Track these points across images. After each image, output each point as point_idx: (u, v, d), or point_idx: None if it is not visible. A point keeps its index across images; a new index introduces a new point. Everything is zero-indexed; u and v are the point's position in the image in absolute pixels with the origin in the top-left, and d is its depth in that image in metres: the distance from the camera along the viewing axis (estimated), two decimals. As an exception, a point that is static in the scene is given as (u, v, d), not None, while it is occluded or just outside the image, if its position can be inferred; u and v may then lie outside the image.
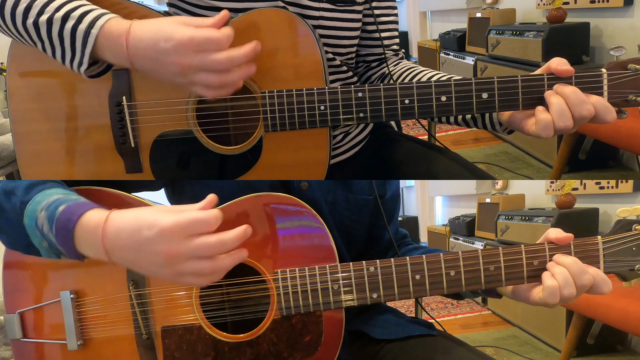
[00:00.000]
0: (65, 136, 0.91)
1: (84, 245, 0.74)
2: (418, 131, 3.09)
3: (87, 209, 0.74)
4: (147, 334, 0.85)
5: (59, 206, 0.74)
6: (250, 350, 0.84)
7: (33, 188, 0.78)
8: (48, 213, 0.74)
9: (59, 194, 0.77)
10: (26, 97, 0.90)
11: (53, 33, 0.80)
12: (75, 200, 0.76)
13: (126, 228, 0.72)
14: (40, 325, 0.88)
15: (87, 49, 0.79)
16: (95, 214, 0.74)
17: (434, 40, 3.85)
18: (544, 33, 2.49)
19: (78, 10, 0.79)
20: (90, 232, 0.73)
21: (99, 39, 0.78)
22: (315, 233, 0.85)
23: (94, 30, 0.78)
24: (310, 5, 0.97)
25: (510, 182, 3.54)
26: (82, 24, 0.78)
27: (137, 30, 0.78)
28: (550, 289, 0.79)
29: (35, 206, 0.76)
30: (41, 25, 0.80)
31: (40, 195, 0.77)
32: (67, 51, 0.80)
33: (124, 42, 0.78)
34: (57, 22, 0.79)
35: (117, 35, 0.78)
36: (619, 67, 0.84)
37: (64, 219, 0.73)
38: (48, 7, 0.79)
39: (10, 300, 0.88)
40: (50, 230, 0.74)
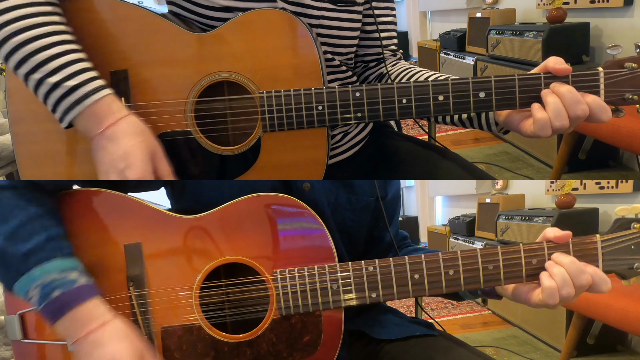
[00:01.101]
0: (65, 137, 0.91)
1: (61, 328, 0.77)
2: (418, 131, 3.08)
3: (80, 302, 0.76)
4: (146, 334, 0.85)
5: (54, 290, 0.75)
6: (250, 350, 0.84)
7: (31, 256, 0.76)
8: (42, 293, 0.75)
9: (56, 273, 0.76)
10: (25, 97, 0.90)
11: (39, 93, 0.80)
12: (72, 284, 0.76)
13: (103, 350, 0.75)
14: (41, 326, 0.88)
15: (67, 118, 0.80)
16: (88, 310, 0.76)
17: (434, 40, 3.85)
18: (544, 33, 2.49)
19: (69, 81, 0.79)
20: (75, 325, 0.76)
21: (80, 115, 0.80)
22: (314, 233, 0.85)
23: (79, 107, 0.79)
24: (311, 5, 0.97)
25: (510, 182, 3.54)
26: (71, 96, 0.79)
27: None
28: (549, 289, 0.79)
29: (30, 282, 0.76)
30: (30, 81, 0.80)
31: (38, 271, 0.76)
32: (49, 108, 0.81)
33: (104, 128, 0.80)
34: (46, 85, 0.79)
35: (100, 119, 0.80)
36: (615, 65, 0.85)
37: (56, 305, 0.75)
38: (42, 67, 0.79)
39: (10, 301, 0.88)
40: (38, 305, 0.76)
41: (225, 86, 0.92)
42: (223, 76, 0.89)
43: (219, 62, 0.89)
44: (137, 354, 0.76)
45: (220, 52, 0.89)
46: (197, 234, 0.85)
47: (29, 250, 0.76)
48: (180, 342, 0.84)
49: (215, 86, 0.90)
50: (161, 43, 0.89)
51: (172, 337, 0.84)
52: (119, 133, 0.80)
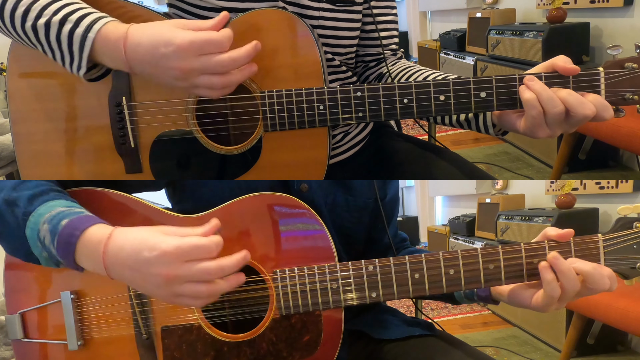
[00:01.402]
0: (65, 137, 0.91)
1: (84, 260, 0.75)
2: (418, 131, 3.09)
3: (90, 224, 0.75)
4: (147, 334, 0.85)
5: (62, 220, 0.75)
6: (250, 349, 0.84)
7: (36, 199, 0.78)
8: (51, 226, 0.75)
9: (62, 207, 0.77)
10: (26, 97, 0.90)
11: (51, 37, 0.79)
12: (79, 214, 0.76)
13: (128, 247, 0.72)
14: (41, 325, 0.88)
15: (85, 53, 0.79)
16: (98, 230, 0.74)
17: (434, 40, 3.84)
18: (544, 33, 2.49)
19: (76, 14, 0.79)
20: (92, 247, 0.74)
21: (96, 43, 0.78)
22: (314, 234, 0.85)
23: (91, 34, 0.78)
24: (310, 5, 0.97)
25: (510, 182, 3.54)
26: (79, 28, 0.78)
27: (134, 35, 0.78)
28: (550, 283, 0.78)
29: (37, 218, 0.76)
30: (39, 29, 0.80)
31: (43, 207, 0.77)
32: (66, 55, 0.80)
33: (122, 47, 0.78)
34: (54, 25, 0.79)
35: (114, 39, 0.78)
36: (616, 65, 0.85)
37: (66, 233, 0.74)
38: (46, 10, 0.79)
39: (11, 301, 0.88)
40: (52, 243, 0.74)
41: (226, 86, 0.92)
42: (224, 76, 0.89)
43: (219, 62, 0.89)
44: (155, 230, 0.75)
45: (221, 51, 0.89)
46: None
47: (34, 194, 0.78)
48: (180, 342, 0.84)
49: (216, 86, 0.90)
50: (162, 42, 0.89)
51: (172, 337, 0.84)
52: (138, 35, 0.78)
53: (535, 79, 0.84)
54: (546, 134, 0.84)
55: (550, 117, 0.82)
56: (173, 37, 0.77)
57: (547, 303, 0.80)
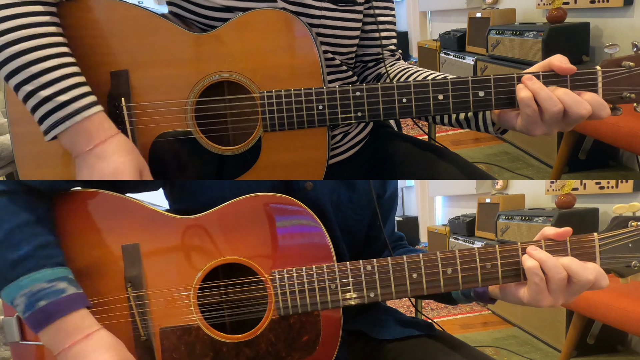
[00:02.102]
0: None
1: (46, 338, 0.76)
2: (418, 131, 3.08)
3: (67, 313, 0.75)
4: (145, 335, 0.85)
5: (40, 300, 0.75)
6: (249, 350, 0.84)
7: (19, 266, 0.76)
8: (27, 302, 0.75)
9: (45, 282, 0.76)
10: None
11: (29, 103, 0.79)
12: (58, 295, 0.76)
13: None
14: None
15: (49, 136, 0.80)
16: (72, 322, 0.76)
17: (434, 40, 3.84)
18: (544, 33, 2.49)
19: (62, 96, 0.78)
20: (60, 336, 0.75)
21: (68, 130, 0.79)
22: (312, 233, 0.85)
23: (69, 122, 0.78)
24: (312, 5, 0.97)
25: (510, 182, 3.54)
26: (60, 112, 0.78)
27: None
28: (532, 269, 0.79)
29: (17, 290, 0.75)
30: (20, 92, 0.79)
31: (25, 280, 0.75)
32: (37, 118, 0.80)
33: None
34: (36, 98, 0.78)
35: (90, 136, 0.79)
36: (613, 64, 0.85)
37: (40, 316, 0.75)
38: (35, 80, 0.78)
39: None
40: (23, 313, 0.76)
41: (226, 86, 0.92)
42: (223, 76, 0.89)
43: (219, 62, 0.89)
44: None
45: (221, 52, 0.89)
46: (195, 234, 0.85)
47: (18, 259, 0.76)
48: (179, 343, 0.84)
49: (216, 86, 0.90)
50: (161, 43, 0.89)
51: (171, 338, 0.84)
52: (108, 151, 0.80)
53: (533, 78, 0.84)
54: (542, 131, 0.85)
55: (548, 116, 0.82)
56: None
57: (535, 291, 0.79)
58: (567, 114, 0.82)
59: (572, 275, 0.78)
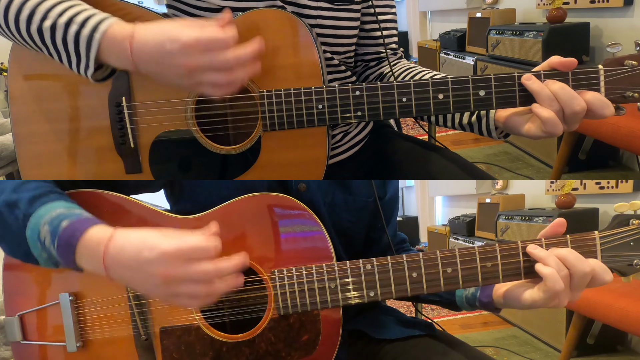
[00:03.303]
0: (66, 137, 0.91)
1: (84, 261, 0.75)
2: (418, 131, 3.09)
3: (91, 225, 0.75)
4: (145, 335, 0.85)
5: (63, 221, 0.75)
6: (249, 350, 0.84)
7: (36, 200, 0.78)
8: (51, 227, 0.75)
9: (62, 208, 0.77)
10: (27, 98, 0.90)
11: (57, 39, 0.80)
12: (79, 216, 0.76)
13: (128, 248, 0.73)
14: (40, 327, 0.88)
15: (92, 54, 0.79)
16: (99, 231, 0.75)
17: (434, 40, 3.85)
18: (544, 33, 2.49)
19: (81, 15, 0.79)
20: (93, 248, 0.74)
21: (102, 44, 0.78)
22: (312, 233, 0.85)
23: (97, 34, 0.78)
24: (307, 5, 0.97)
25: (510, 182, 3.54)
26: (85, 29, 0.78)
27: (141, 34, 0.78)
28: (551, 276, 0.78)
29: (38, 220, 0.76)
30: (45, 31, 0.80)
31: (44, 209, 0.77)
32: (73, 56, 0.80)
33: (128, 46, 0.78)
34: (60, 27, 0.79)
35: (120, 39, 0.78)
36: (616, 63, 0.85)
37: (66, 234, 0.74)
38: (51, 12, 0.79)
39: (10, 303, 0.88)
40: (52, 244, 0.75)
41: (225, 86, 0.92)
42: (223, 76, 0.89)
43: (219, 62, 0.89)
44: (156, 233, 0.75)
45: (220, 51, 0.89)
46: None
47: (34, 196, 0.78)
48: (179, 343, 0.84)
49: (215, 86, 0.90)
50: (161, 43, 0.89)
51: (171, 338, 0.84)
52: (145, 30, 0.79)
53: (532, 77, 0.84)
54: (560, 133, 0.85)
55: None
56: (179, 35, 0.77)
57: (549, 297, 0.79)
58: (563, 111, 0.82)
59: (569, 267, 0.77)
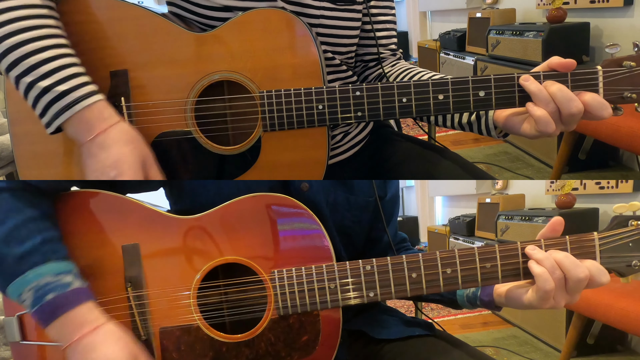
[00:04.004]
0: (64, 137, 0.90)
1: (54, 332, 0.76)
2: (418, 131, 3.08)
3: (73, 306, 0.76)
4: (145, 334, 0.85)
5: (48, 294, 0.75)
6: (248, 350, 0.84)
7: (25, 261, 0.76)
8: (35, 296, 0.75)
9: (51, 276, 0.76)
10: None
11: (30, 95, 0.79)
12: (64, 288, 0.76)
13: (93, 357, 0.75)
14: (39, 327, 0.87)
15: (56, 122, 0.79)
16: (80, 315, 0.76)
17: (434, 40, 3.84)
18: (544, 33, 2.49)
19: (61, 86, 0.78)
20: (68, 329, 0.76)
21: (71, 119, 0.79)
22: (312, 234, 0.85)
23: (69, 112, 0.78)
24: (311, 5, 0.97)
25: (510, 182, 3.54)
26: (60, 101, 0.78)
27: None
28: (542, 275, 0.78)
29: (24, 284, 0.76)
30: (21, 84, 0.78)
31: (32, 274, 0.76)
32: (38, 110, 0.79)
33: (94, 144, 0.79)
34: (37, 89, 0.78)
35: (92, 124, 0.79)
36: (614, 64, 0.85)
37: (49, 308, 0.75)
38: (35, 70, 0.77)
39: (9, 303, 0.88)
40: (30, 308, 0.76)
41: (225, 86, 0.92)
42: (223, 76, 0.89)
43: (218, 62, 0.89)
44: (131, 357, 0.76)
45: (220, 51, 0.89)
46: (194, 234, 0.85)
47: (24, 253, 0.76)
48: (178, 343, 0.84)
49: (215, 86, 0.90)
50: (161, 43, 0.89)
51: (171, 338, 0.84)
52: (109, 140, 0.79)
53: (530, 78, 0.84)
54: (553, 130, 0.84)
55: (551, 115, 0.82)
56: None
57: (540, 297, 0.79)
58: (560, 112, 0.82)
59: (564, 272, 0.77)
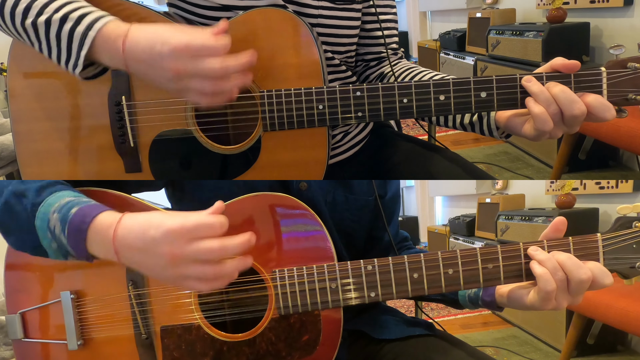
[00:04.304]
0: (66, 136, 0.91)
1: (95, 246, 0.75)
2: (418, 131, 3.09)
3: (100, 211, 0.75)
4: (146, 333, 0.85)
5: (72, 208, 0.75)
6: (249, 349, 0.84)
7: (44, 190, 0.78)
8: (61, 215, 0.75)
9: (71, 196, 0.77)
10: (27, 96, 0.90)
11: (51, 34, 0.79)
12: (87, 202, 0.77)
13: (135, 229, 0.72)
14: (41, 325, 0.88)
15: (83, 51, 0.79)
16: (108, 216, 0.75)
17: (434, 40, 3.85)
18: (544, 33, 2.49)
19: (77, 12, 0.79)
20: (103, 233, 0.74)
21: (96, 41, 0.78)
22: (313, 233, 0.85)
23: (92, 32, 0.78)
24: (309, 4, 0.97)
25: (510, 182, 3.54)
26: (80, 26, 0.78)
27: (134, 34, 0.78)
28: (543, 276, 0.77)
29: (47, 208, 0.76)
30: (39, 26, 0.80)
31: (52, 198, 0.77)
32: (63, 52, 0.80)
33: (121, 46, 0.78)
34: (55, 23, 0.79)
35: (114, 38, 0.78)
36: (618, 65, 0.84)
37: (77, 220, 0.74)
38: (47, 7, 0.79)
39: (11, 301, 0.88)
40: (63, 231, 0.75)
41: (226, 85, 0.92)
42: (223, 75, 0.89)
43: (219, 61, 0.89)
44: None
45: (221, 51, 0.89)
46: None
47: (42, 185, 0.78)
48: (179, 342, 0.84)
49: (216, 85, 0.90)
50: (162, 42, 0.89)
51: (172, 337, 0.84)
52: (138, 33, 0.78)
53: (533, 79, 0.84)
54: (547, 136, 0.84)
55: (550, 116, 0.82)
56: (170, 38, 0.77)
57: (542, 298, 0.79)
58: (562, 114, 0.82)
59: (567, 273, 0.77)
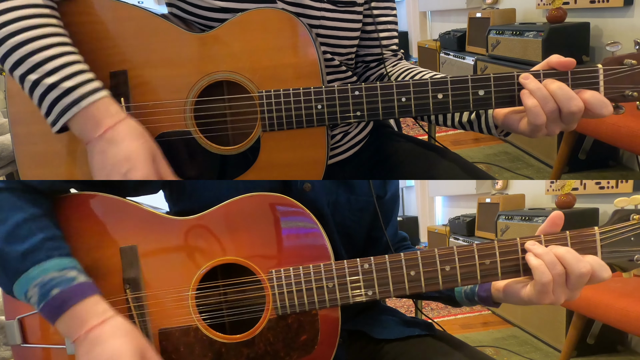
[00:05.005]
0: (65, 137, 0.91)
1: (62, 326, 0.76)
2: (418, 131, 3.09)
3: (79, 300, 0.76)
4: (144, 336, 0.85)
5: (53, 289, 0.75)
6: (247, 350, 0.84)
7: (29, 257, 0.76)
8: (40, 292, 0.75)
9: (55, 271, 0.76)
10: (26, 98, 0.89)
11: (35, 93, 0.79)
12: (70, 282, 0.76)
13: (100, 346, 0.74)
14: (40, 330, 0.87)
15: (62, 120, 0.78)
16: (86, 308, 0.76)
17: (434, 40, 3.85)
18: (544, 33, 2.49)
19: (67, 82, 0.78)
20: (75, 323, 0.75)
21: (76, 116, 0.78)
22: (309, 232, 0.85)
23: (75, 108, 0.78)
24: (311, 5, 0.97)
25: (510, 182, 3.54)
26: (67, 98, 0.78)
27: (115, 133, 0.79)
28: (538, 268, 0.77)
29: (29, 281, 0.76)
30: (26, 82, 0.78)
31: (36, 270, 0.76)
32: (44, 109, 0.79)
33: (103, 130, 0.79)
34: (42, 86, 0.78)
35: (98, 119, 0.79)
36: (615, 62, 0.84)
37: (55, 304, 0.75)
38: (39, 68, 0.78)
39: (9, 306, 0.88)
40: (37, 305, 0.76)
41: (225, 86, 0.92)
42: (222, 76, 0.89)
43: (218, 62, 0.89)
44: (138, 351, 0.76)
45: (220, 52, 0.89)
46: (192, 235, 0.85)
47: (27, 250, 0.76)
48: (177, 344, 0.84)
49: (215, 86, 0.90)
50: (161, 43, 0.89)
51: (170, 339, 0.84)
52: (118, 136, 0.79)
53: (530, 76, 0.84)
54: (544, 132, 0.84)
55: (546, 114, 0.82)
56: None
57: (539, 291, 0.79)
58: (560, 111, 0.82)
59: (566, 266, 0.77)
